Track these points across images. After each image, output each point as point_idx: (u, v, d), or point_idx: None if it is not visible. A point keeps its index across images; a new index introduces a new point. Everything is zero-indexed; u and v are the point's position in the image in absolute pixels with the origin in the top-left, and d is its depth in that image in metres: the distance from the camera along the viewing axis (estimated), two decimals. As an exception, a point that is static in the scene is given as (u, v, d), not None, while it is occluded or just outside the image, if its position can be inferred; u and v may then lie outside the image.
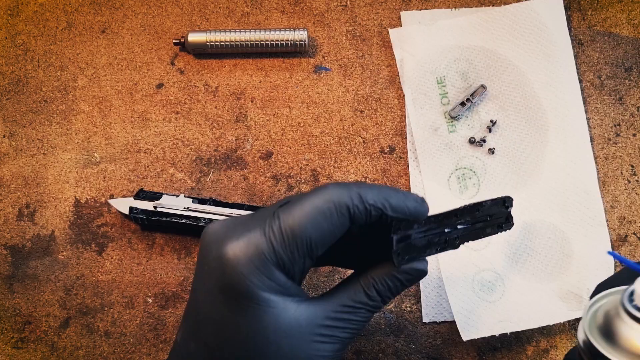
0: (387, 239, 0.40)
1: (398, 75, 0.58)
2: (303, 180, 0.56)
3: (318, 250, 0.39)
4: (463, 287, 0.53)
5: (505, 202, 0.47)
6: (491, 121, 0.56)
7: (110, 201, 0.55)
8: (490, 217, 0.45)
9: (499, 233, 0.46)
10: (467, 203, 0.44)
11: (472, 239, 0.45)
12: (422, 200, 0.41)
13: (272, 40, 0.57)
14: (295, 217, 0.38)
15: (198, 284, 0.41)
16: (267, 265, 0.38)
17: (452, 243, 0.43)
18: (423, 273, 0.42)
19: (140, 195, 0.54)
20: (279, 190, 0.56)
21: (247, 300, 0.38)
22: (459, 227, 0.44)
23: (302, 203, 0.39)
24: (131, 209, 0.53)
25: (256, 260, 0.38)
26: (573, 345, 0.52)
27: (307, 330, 0.39)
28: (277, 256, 0.38)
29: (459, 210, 0.43)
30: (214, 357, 0.40)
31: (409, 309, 0.54)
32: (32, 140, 0.57)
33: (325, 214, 0.38)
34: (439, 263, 0.54)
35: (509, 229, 0.47)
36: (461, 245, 0.44)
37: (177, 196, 0.54)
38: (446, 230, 0.43)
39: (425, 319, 0.53)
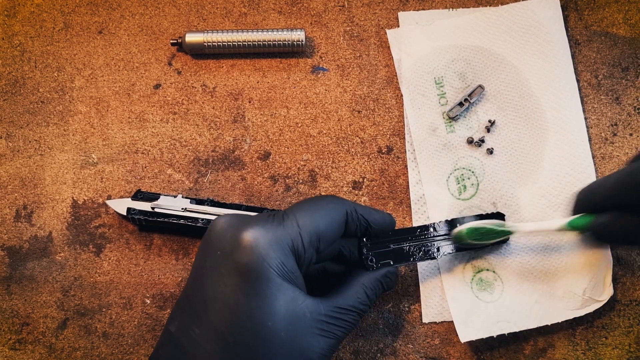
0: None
1: (396, 76, 0.58)
2: (301, 181, 0.56)
3: (323, 245, 0.44)
4: (461, 287, 0.53)
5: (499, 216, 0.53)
6: (489, 121, 0.56)
7: (108, 202, 0.55)
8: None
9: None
10: (449, 218, 0.52)
11: (457, 251, 0.51)
12: (390, 216, 0.49)
13: (270, 41, 0.57)
14: (307, 213, 0.44)
15: (206, 270, 0.42)
16: (284, 250, 0.42)
17: (431, 255, 0.50)
18: (394, 276, 0.49)
19: (138, 196, 0.54)
20: (277, 191, 0.56)
21: (263, 282, 0.41)
22: (437, 239, 0.50)
23: (310, 203, 0.45)
24: (129, 209, 0.53)
25: (274, 244, 0.41)
26: (571, 344, 0.52)
27: (310, 322, 0.42)
28: (293, 243, 0.42)
29: (438, 223, 0.51)
30: (223, 341, 0.40)
31: (407, 309, 0.54)
32: (29, 141, 0.57)
33: (329, 212, 0.45)
34: (438, 263, 0.54)
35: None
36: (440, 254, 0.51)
37: (175, 197, 0.54)
38: (428, 242, 0.50)
39: (425, 320, 0.53)
